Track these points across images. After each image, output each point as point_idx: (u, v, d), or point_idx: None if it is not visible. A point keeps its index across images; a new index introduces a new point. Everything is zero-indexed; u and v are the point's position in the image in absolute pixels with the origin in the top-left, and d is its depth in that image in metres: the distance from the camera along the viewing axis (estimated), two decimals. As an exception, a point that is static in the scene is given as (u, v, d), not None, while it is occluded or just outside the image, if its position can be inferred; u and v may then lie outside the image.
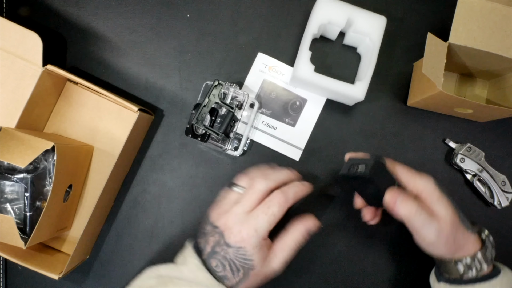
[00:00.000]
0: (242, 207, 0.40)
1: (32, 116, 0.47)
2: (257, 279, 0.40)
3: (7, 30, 0.45)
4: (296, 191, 0.41)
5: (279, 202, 0.40)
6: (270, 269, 0.41)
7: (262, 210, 0.39)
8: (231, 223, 0.39)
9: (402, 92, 0.53)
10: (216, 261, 0.40)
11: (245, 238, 0.39)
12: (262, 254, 0.40)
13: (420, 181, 0.41)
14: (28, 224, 0.44)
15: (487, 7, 0.44)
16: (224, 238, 0.39)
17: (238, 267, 0.39)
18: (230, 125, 0.48)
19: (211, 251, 0.40)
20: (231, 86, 0.48)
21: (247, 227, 0.39)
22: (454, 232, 0.39)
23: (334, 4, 0.48)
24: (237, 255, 0.39)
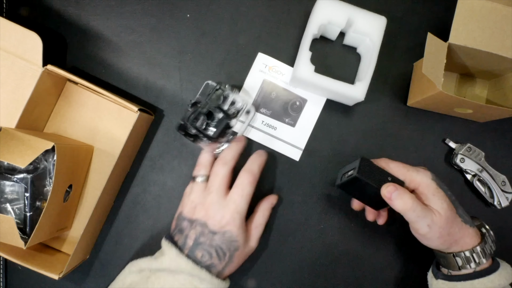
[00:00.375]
0: (216, 194, 0.43)
1: (32, 116, 0.47)
2: (239, 259, 0.44)
3: (7, 30, 0.45)
4: (258, 164, 0.46)
5: (249, 181, 0.43)
6: (250, 247, 0.45)
7: (237, 193, 0.43)
8: (212, 212, 0.42)
9: (402, 92, 0.53)
10: (202, 251, 0.42)
11: (230, 221, 0.42)
12: (244, 234, 0.43)
13: (417, 175, 0.41)
14: (28, 224, 0.44)
15: (487, 7, 0.44)
16: (208, 227, 0.42)
17: (225, 251, 0.42)
18: (224, 131, 0.48)
19: (194, 243, 0.42)
20: (232, 92, 0.48)
21: (228, 211, 0.42)
22: (448, 226, 0.40)
23: (334, 4, 0.48)
24: (223, 239, 0.41)
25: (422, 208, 0.40)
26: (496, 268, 0.41)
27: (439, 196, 0.40)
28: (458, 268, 0.42)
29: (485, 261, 0.41)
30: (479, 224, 0.44)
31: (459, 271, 0.42)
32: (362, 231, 0.52)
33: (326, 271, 0.51)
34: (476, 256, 0.41)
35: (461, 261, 0.41)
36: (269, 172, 0.52)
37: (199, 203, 0.44)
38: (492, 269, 0.41)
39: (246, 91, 0.52)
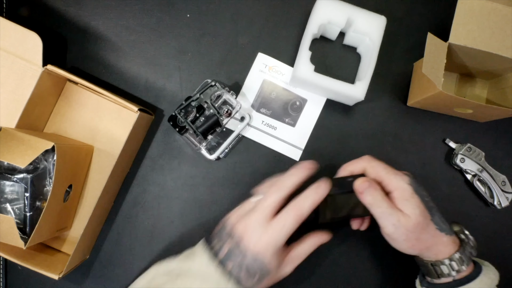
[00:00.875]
0: (260, 215, 0.41)
1: (32, 116, 0.47)
2: (269, 282, 0.42)
3: (7, 30, 0.45)
4: (312, 202, 0.41)
5: (295, 219, 0.40)
6: (283, 274, 0.43)
7: (279, 224, 0.40)
8: (250, 230, 0.40)
9: (402, 92, 0.53)
10: (233, 263, 0.40)
11: (263, 249, 0.40)
12: (278, 262, 0.41)
13: (394, 178, 0.41)
14: (28, 224, 0.44)
15: (487, 7, 0.44)
16: (243, 243, 0.40)
17: (255, 273, 0.40)
18: (211, 128, 0.48)
19: (228, 253, 0.41)
20: (227, 92, 0.48)
21: (266, 237, 0.40)
22: (418, 232, 0.40)
23: (334, 4, 0.48)
24: (254, 262, 0.40)
25: (389, 206, 0.40)
26: (477, 274, 0.41)
27: (413, 201, 0.40)
28: (437, 276, 0.42)
29: (465, 268, 0.41)
30: (458, 230, 0.44)
31: (439, 279, 0.42)
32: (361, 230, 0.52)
33: (326, 271, 0.51)
34: (454, 264, 0.41)
35: (439, 270, 0.41)
36: (269, 172, 0.52)
37: (243, 217, 0.42)
38: (473, 276, 0.41)
39: (244, 96, 0.52)
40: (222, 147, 0.51)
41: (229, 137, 0.50)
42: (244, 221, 0.41)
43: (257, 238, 0.40)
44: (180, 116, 0.47)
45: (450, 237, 0.42)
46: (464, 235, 0.43)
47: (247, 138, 0.52)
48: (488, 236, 0.52)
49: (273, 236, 0.40)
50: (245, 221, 0.41)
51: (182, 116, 0.47)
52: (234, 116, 0.50)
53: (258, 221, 0.41)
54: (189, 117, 0.47)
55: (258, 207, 0.41)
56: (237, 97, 0.52)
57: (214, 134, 0.49)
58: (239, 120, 0.51)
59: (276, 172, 0.52)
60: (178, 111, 0.47)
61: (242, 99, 0.52)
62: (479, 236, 0.52)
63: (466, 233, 0.44)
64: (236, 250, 0.40)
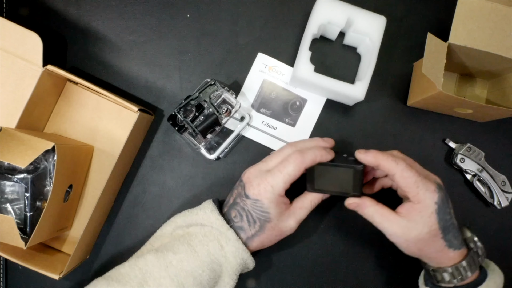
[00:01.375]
0: (265, 164, 0.43)
1: (32, 116, 0.47)
2: (273, 232, 0.43)
3: (7, 30, 0.45)
4: (315, 154, 0.42)
5: (295, 161, 0.41)
6: (287, 225, 0.43)
7: (279, 168, 0.41)
8: (252, 177, 0.43)
9: (402, 92, 0.53)
10: (235, 211, 0.43)
11: (262, 192, 0.41)
12: (279, 209, 0.42)
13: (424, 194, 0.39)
14: (28, 224, 0.44)
15: (487, 7, 0.44)
16: (244, 190, 0.42)
17: (255, 219, 0.42)
18: (211, 127, 0.48)
19: (233, 202, 0.43)
20: (226, 91, 0.48)
21: (264, 182, 0.41)
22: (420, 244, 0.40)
23: (334, 4, 0.48)
24: (254, 207, 0.42)
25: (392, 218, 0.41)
26: (481, 281, 0.41)
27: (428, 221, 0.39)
28: (437, 282, 0.42)
29: (470, 275, 0.41)
30: (469, 237, 0.43)
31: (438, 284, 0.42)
32: (361, 230, 0.52)
33: (326, 271, 0.51)
34: (456, 273, 0.41)
35: (440, 276, 0.42)
36: (269, 172, 0.52)
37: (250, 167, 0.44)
38: (477, 283, 0.41)
39: (244, 96, 0.52)
40: (222, 147, 0.51)
41: (229, 137, 0.50)
42: (250, 169, 0.44)
43: (257, 183, 0.42)
44: (180, 115, 0.47)
45: (458, 251, 0.41)
46: (473, 243, 0.43)
47: (247, 138, 0.52)
48: (488, 236, 0.52)
49: (271, 181, 0.41)
50: (251, 169, 0.44)
51: (182, 115, 0.47)
52: (233, 115, 0.50)
53: (261, 169, 0.43)
54: (188, 116, 0.47)
55: (266, 158, 0.44)
56: (237, 97, 0.52)
57: (213, 134, 0.49)
58: (239, 120, 0.51)
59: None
60: (177, 110, 0.47)
61: (242, 99, 0.52)
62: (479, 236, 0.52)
63: (475, 240, 0.43)
64: (239, 197, 0.43)
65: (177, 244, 0.42)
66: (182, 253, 0.41)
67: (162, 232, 0.45)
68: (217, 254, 0.41)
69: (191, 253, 0.41)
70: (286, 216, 0.43)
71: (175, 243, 0.42)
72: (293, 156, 0.41)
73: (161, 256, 0.41)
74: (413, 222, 0.40)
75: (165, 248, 0.42)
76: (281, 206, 0.42)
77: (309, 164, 0.41)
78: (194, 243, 0.41)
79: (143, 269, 0.40)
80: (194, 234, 0.42)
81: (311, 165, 0.42)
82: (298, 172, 0.41)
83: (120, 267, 0.42)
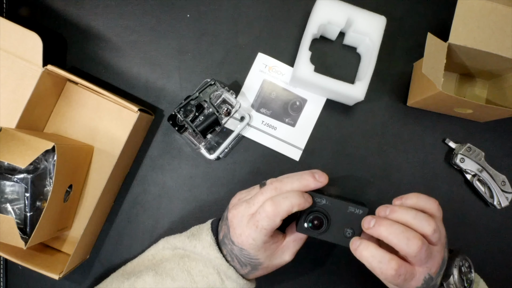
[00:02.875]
0: (247, 209, 0.39)
1: (32, 116, 0.47)
2: (267, 269, 0.41)
3: (7, 30, 0.45)
4: (291, 204, 0.38)
5: (267, 216, 0.37)
6: (282, 261, 0.41)
7: (254, 222, 0.38)
8: (235, 223, 0.40)
9: (402, 92, 0.53)
10: (226, 251, 0.41)
11: (245, 244, 0.39)
12: (269, 252, 0.40)
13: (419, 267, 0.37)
14: (28, 224, 0.44)
15: (487, 7, 0.44)
16: (231, 232, 0.40)
17: (245, 263, 0.40)
18: (211, 127, 0.48)
19: (222, 239, 0.41)
20: (226, 91, 0.49)
21: (246, 233, 0.39)
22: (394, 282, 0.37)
23: (334, 4, 0.48)
24: (241, 254, 0.40)
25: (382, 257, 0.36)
26: None
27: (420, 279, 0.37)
28: None
29: None
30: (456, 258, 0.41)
31: None
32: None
33: (326, 270, 0.51)
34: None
35: None
36: (269, 172, 0.52)
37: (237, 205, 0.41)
38: None
39: (244, 96, 0.52)
40: (222, 147, 0.51)
41: (229, 137, 0.50)
42: (235, 209, 0.40)
43: (239, 233, 0.39)
44: (180, 115, 0.47)
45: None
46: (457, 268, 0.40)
47: (247, 138, 0.52)
48: (488, 236, 0.52)
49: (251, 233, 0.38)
50: (236, 209, 0.40)
51: (182, 115, 0.47)
52: (233, 115, 0.50)
53: (244, 213, 0.39)
54: (188, 116, 0.47)
55: (252, 198, 0.40)
56: (237, 97, 0.52)
57: (213, 133, 0.49)
58: (239, 120, 0.51)
59: (275, 172, 0.52)
60: (177, 110, 0.47)
61: (242, 99, 0.52)
62: (479, 236, 0.52)
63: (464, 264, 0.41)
64: (227, 238, 0.41)
65: (177, 269, 0.40)
66: (181, 281, 0.40)
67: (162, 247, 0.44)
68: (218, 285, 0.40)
69: (190, 283, 0.40)
70: (280, 253, 0.41)
71: (175, 268, 0.41)
72: (265, 208, 0.37)
73: (160, 281, 0.40)
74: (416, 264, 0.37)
75: (165, 272, 0.41)
76: (270, 248, 0.40)
77: (284, 215, 0.38)
78: (194, 272, 0.40)
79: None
80: (195, 260, 0.41)
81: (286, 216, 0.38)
82: (274, 224, 0.38)
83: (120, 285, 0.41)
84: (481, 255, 0.52)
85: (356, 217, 0.40)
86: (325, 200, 0.40)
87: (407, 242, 0.35)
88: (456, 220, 0.52)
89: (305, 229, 0.40)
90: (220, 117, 0.48)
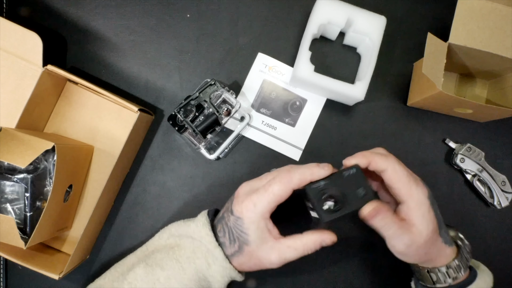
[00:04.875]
0: (258, 182, 0.40)
1: (32, 116, 0.47)
2: (251, 259, 0.40)
3: (7, 30, 0.45)
4: (304, 172, 0.38)
5: (281, 180, 0.38)
6: (267, 257, 0.39)
7: (264, 187, 0.38)
8: (242, 192, 0.40)
9: (402, 92, 0.53)
10: (221, 225, 0.41)
11: (243, 210, 0.39)
12: (259, 233, 0.39)
13: (416, 190, 0.38)
14: (28, 224, 0.44)
15: (487, 7, 0.44)
16: (231, 205, 0.40)
17: (235, 238, 0.40)
18: (211, 127, 0.48)
19: (221, 215, 0.42)
20: (226, 91, 0.49)
21: (248, 199, 0.39)
22: (428, 247, 0.39)
23: (334, 4, 0.48)
24: (235, 224, 0.39)
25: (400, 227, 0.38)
26: (472, 280, 0.40)
27: (428, 217, 0.38)
28: (433, 283, 0.41)
29: (462, 274, 0.40)
30: (454, 235, 0.43)
31: (433, 285, 0.41)
32: (361, 231, 0.52)
33: (325, 270, 0.51)
34: (451, 272, 0.40)
35: (435, 277, 0.41)
36: (269, 172, 0.52)
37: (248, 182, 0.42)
38: (469, 281, 0.40)
39: (244, 96, 0.52)
40: (222, 147, 0.51)
41: (229, 137, 0.50)
42: (244, 184, 0.41)
43: (242, 200, 0.39)
44: (180, 115, 0.47)
45: (451, 248, 0.41)
46: (460, 240, 0.43)
47: (247, 138, 0.52)
48: (488, 236, 0.52)
49: (254, 198, 0.38)
50: (244, 184, 0.41)
51: (182, 115, 0.47)
52: (233, 115, 0.50)
53: (252, 186, 0.40)
54: (188, 116, 0.47)
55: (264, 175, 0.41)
56: (237, 97, 0.52)
57: (213, 134, 0.49)
58: (239, 120, 0.51)
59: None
60: (177, 110, 0.47)
61: (242, 99, 0.52)
62: (479, 236, 0.52)
63: (461, 237, 0.43)
64: (226, 212, 0.41)
65: (166, 259, 0.41)
66: (170, 269, 0.40)
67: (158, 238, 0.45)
68: (204, 272, 0.40)
69: (179, 270, 0.40)
70: (269, 247, 0.39)
71: (164, 258, 0.41)
72: (281, 174, 0.38)
73: (150, 271, 0.41)
74: (417, 226, 0.38)
75: (155, 262, 0.41)
76: (262, 231, 0.39)
77: (297, 183, 0.37)
78: (182, 259, 0.41)
79: (132, 283, 0.41)
80: (184, 248, 0.41)
81: (300, 185, 0.38)
82: (285, 192, 0.38)
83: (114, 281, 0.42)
84: (481, 255, 0.52)
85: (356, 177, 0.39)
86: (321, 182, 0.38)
87: (385, 156, 0.39)
88: (456, 220, 0.52)
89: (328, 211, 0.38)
90: (220, 117, 0.48)
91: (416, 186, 0.38)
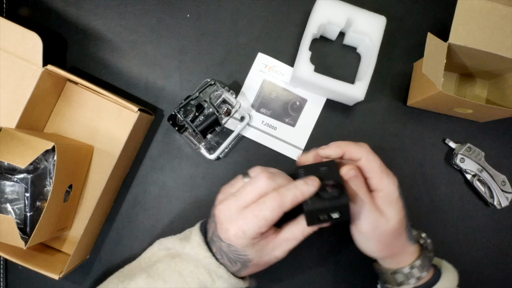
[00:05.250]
0: (236, 202, 0.38)
1: (32, 116, 0.47)
2: (258, 266, 0.40)
3: (7, 30, 0.45)
4: (295, 194, 0.36)
5: (272, 205, 0.36)
6: (272, 257, 0.39)
7: (253, 212, 0.36)
8: (222, 218, 0.38)
9: (402, 92, 0.53)
10: (215, 248, 0.40)
11: (232, 239, 0.37)
12: (257, 249, 0.38)
13: (386, 178, 0.39)
14: (28, 224, 0.44)
15: (487, 7, 0.44)
16: (218, 229, 0.38)
17: (235, 260, 0.39)
18: (211, 127, 0.48)
19: (211, 237, 0.40)
20: (226, 91, 0.49)
21: (235, 227, 0.37)
22: (393, 237, 0.39)
23: (334, 4, 0.48)
24: (229, 250, 0.38)
25: (371, 203, 0.38)
26: (436, 279, 0.40)
27: (397, 206, 0.39)
28: (397, 284, 0.41)
29: (426, 274, 0.40)
30: (416, 234, 0.43)
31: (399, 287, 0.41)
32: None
33: (324, 269, 0.51)
34: (415, 272, 0.40)
35: (400, 278, 0.41)
36: (269, 172, 0.52)
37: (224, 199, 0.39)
38: (433, 282, 0.40)
39: (244, 96, 0.52)
40: (222, 147, 0.51)
41: (229, 137, 0.50)
42: (222, 203, 0.39)
43: (226, 228, 0.37)
44: (180, 115, 0.47)
45: (415, 246, 0.41)
46: (422, 239, 0.43)
47: (247, 138, 0.52)
48: (488, 236, 0.52)
49: (243, 225, 0.36)
50: (222, 204, 0.38)
51: (182, 115, 0.47)
52: (233, 115, 0.50)
53: (231, 208, 0.38)
54: (188, 116, 0.47)
55: (239, 191, 0.38)
56: (237, 97, 0.52)
57: (213, 133, 0.49)
58: (239, 120, 0.51)
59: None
60: (177, 109, 0.47)
61: (242, 99, 0.52)
62: (479, 236, 0.52)
63: (423, 236, 0.43)
64: (215, 235, 0.39)
65: (168, 271, 0.40)
66: (172, 283, 0.39)
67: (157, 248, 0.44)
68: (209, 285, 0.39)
69: (182, 284, 0.39)
70: (270, 250, 0.39)
71: (166, 270, 0.40)
72: (271, 199, 0.36)
73: (152, 283, 0.39)
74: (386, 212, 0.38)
75: (157, 274, 0.40)
76: (259, 244, 0.38)
77: (289, 207, 0.36)
78: (185, 273, 0.39)
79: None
80: (186, 261, 0.40)
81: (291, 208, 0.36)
82: (277, 217, 0.36)
83: None
84: (481, 255, 0.52)
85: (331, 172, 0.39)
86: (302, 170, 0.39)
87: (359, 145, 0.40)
88: (456, 220, 0.52)
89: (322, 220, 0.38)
90: (220, 117, 0.48)
91: (387, 176, 0.40)
